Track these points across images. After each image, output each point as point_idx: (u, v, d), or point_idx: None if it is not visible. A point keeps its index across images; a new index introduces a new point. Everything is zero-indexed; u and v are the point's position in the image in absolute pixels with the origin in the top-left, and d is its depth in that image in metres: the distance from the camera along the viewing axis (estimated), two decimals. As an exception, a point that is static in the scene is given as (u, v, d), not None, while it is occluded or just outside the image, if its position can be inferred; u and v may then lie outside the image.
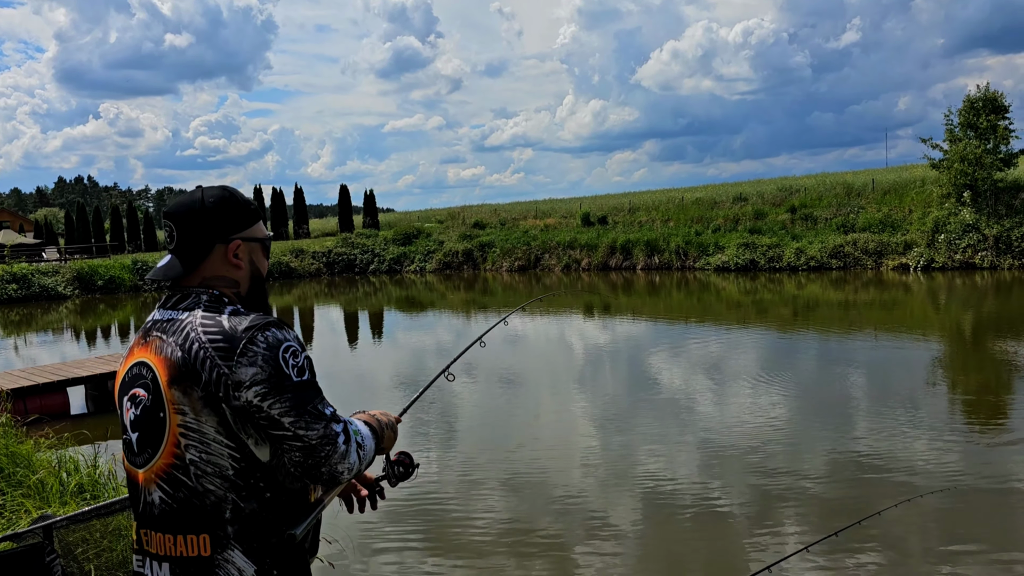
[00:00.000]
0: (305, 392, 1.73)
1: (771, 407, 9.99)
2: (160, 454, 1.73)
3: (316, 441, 1.72)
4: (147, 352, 1.78)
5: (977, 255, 27.19)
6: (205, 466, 1.70)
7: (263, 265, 1.95)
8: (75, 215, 56.74)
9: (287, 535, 1.77)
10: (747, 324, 18.48)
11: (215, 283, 1.85)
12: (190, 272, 1.85)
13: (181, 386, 1.69)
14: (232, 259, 1.86)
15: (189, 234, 1.84)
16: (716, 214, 36.64)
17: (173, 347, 1.72)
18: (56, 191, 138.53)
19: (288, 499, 1.78)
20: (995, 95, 28.26)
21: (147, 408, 1.75)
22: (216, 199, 1.86)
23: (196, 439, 1.70)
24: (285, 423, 1.69)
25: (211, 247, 1.85)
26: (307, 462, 1.73)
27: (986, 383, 11.25)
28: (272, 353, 1.69)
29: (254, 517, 1.72)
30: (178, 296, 1.83)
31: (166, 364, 1.72)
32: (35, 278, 34.38)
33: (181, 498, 1.72)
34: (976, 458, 7.75)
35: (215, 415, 1.69)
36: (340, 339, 20.26)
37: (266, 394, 1.68)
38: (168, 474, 1.72)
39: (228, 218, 1.86)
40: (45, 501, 4.95)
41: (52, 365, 13.24)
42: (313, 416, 1.72)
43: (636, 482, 7.46)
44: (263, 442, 1.73)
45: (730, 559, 5.81)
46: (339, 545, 5.87)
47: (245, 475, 1.72)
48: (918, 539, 5.93)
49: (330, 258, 42.97)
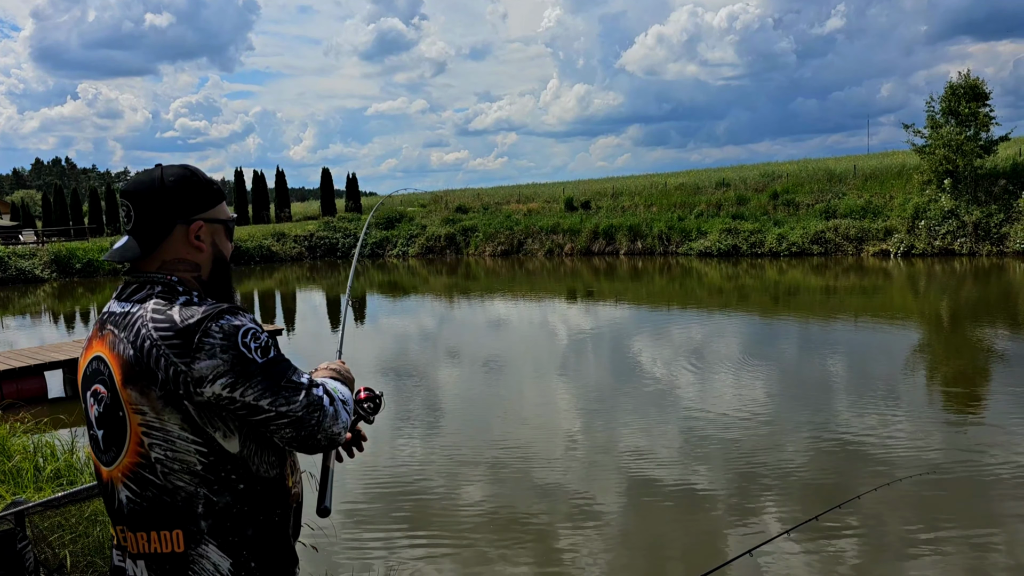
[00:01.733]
0: (274, 369, 1.67)
1: (752, 392, 10.04)
2: (125, 453, 1.68)
3: (303, 412, 1.67)
4: (103, 346, 1.71)
5: (956, 241, 27.44)
6: (172, 463, 1.65)
7: (226, 248, 1.88)
8: (52, 197, 56.00)
9: (322, 508, 1.76)
10: (729, 309, 18.56)
11: (175, 266, 1.77)
12: (148, 254, 1.76)
13: (137, 386, 1.63)
14: (194, 241, 1.78)
15: (148, 214, 1.75)
16: (699, 200, 36.71)
17: (125, 344, 1.65)
18: (33, 173, 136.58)
19: (263, 488, 1.73)
20: (976, 82, 28.43)
21: (108, 406, 1.69)
22: (177, 178, 1.77)
23: (160, 437, 1.64)
24: (264, 405, 1.64)
25: (171, 228, 1.76)
26: (300, 434, 1.68)
27: (964, 369, 11.37)
28: (230, 342, 1.62)
29: (228, 510, 1.68)
30: (134, 286, 1.75)
31: (120, 363, 1.65)
32: (12, 261, 33.95)
33: (150, 496, 1.67)
34: (954, 443, 7.82)
35: (178, 412, 1.63)
36: (323, 323, 20.15)
37: (234, 383, 1.62)
38: (135, 473, 1.67)
39: (189, 198, 1.78)
40: (20, 487, 4.87)
41: (29, 349, 13.08)
42: (290, 389, 1.67)
43: (619, 466, 7.47)
44: (231, 433, 1.67)
45: (712, 543, 5.83)
46: (323, 530, 5.83)
47: (215, 469, 1.66)
48: (897, 523, 5.98)
49: (312, 242, 42.71)
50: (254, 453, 1.71)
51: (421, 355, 13.99)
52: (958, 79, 28.78)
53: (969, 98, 28.25)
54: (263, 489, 1.73)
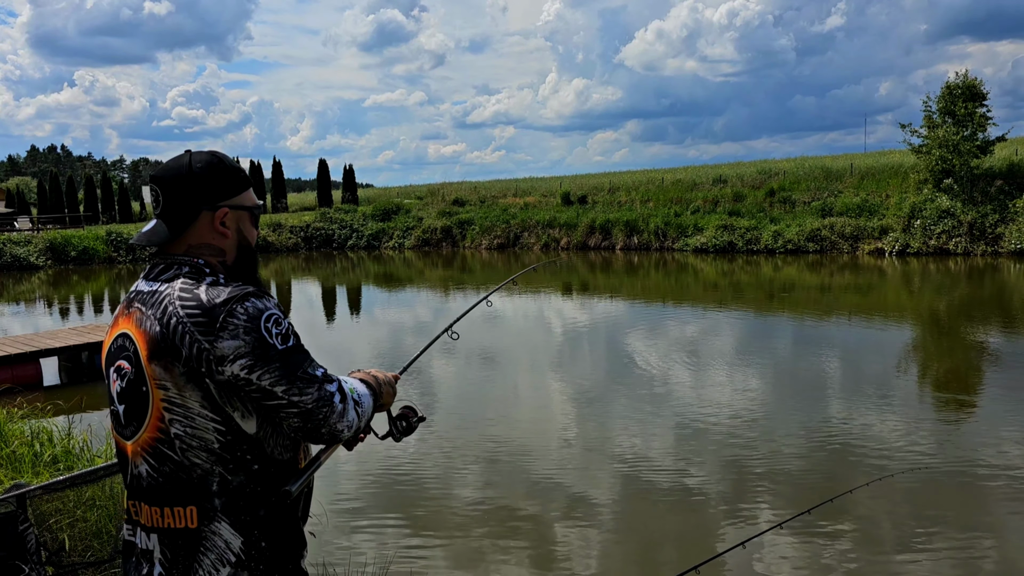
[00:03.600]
0: (292, 358, 1.70)
1: (746, 388, 10.10)
2: (145, 428, 1.71)
3: (312, 405, 1.70)
4: (130, 324, 1.74)
5: (951, 241, 27.51)
6: (190, 440, 1.68)
7: (251, 234, 1.90)
8: (48, 184, 55.79)
9: (282, 491, 1.76)
10: (724, 306, 18.61)
11: (200, 251, 1.80)
12: (175, 238, 1.80)
13: (161, 362, 1.66)
14: (219, 227, 1.81)
15: (175, 199, 1.78)
16: (695, 196, 36.72)
17: (152, 321, 1.69)
18: (29, 160, 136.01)
19: (276, 470, 1.76)
20: (973, 82, 28.46)
21: (131, 381, 1.72)
22: (204, 164, 1.81)
23: (180, 413, 1.67)
24: (278, 392, 1.67)
25: (197, 213, 1.79)
26: (306, 426, 1.72)
27: (956, 367, 11.44)
28: (253, 324, 1.65)
29: (241, 489, 1.71)
30: (161, 266, 1.78)
31: (146, 339, 1.69)
32: (7, 248, 33.84)
33: (167, 471, 1.70)
34: (945, 439, 7.89)
35: (199, 390, 1.66)
36: (318, 315, 20.16)
37: (253, 366, 1.65)
38: (154, 448, 1.71)
39: (216, 184, 1.81)
40: (18, 472, 4.89)
41: (25, 335, 13.07)
42: (305, 380, 1.70)
43: (613, 460, 7.52)
44: (249, 414, 1.71)
45: (705, 536, 5.88)
46: (318, 518, 5.87)
47: (231, 448, 1.69)
48: (888, 517, 6.04)
49: (308, 233, 42.63)
50: (270, 435, 1.74)
51: (415, 347, 14.01)
52: (955, 79, 28.84)
53: (966, 98, 28.28)
54: (276, 471, 1.76)
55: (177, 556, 1.70)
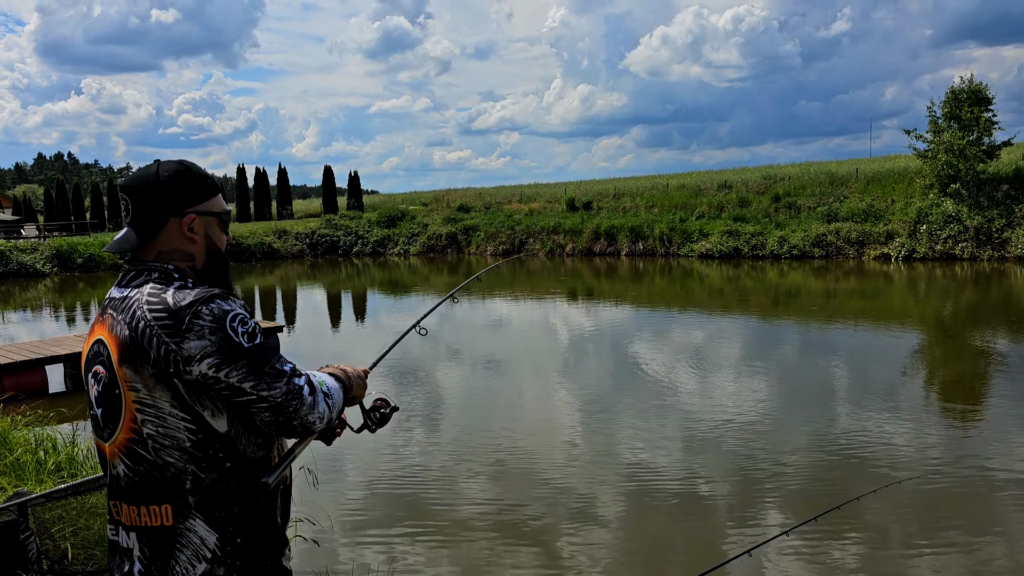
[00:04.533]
0: (260, 355, 1.75)
1: (752, 394, 10.05)
2: (120, 429, 1.77)
3: (282, 398, 1.75)
4: (103, 330, 1.80)
5: (957, 246, 27.42)
6: (162, 439, 1.73)
7: (220, 239, 1.96)
8: (55, 192, 56.03)
9: (259, 483, 1.80)
10: (730, 311, 18.56)
11: (170, 256, 1.86)
12: (145, 244, 1.86)
13: (132, 364, 1.72)
14: (187, 232, 1.87)
15: (144, 207, 1.85)
16: (700, 201, 36.69)
17: (122, 325, 1.74)
18: (35, 167, 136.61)
19: (249, 468, 1.80)
20: (979, 87, 28.40)
21: (106, 385, 1.78)
22: (171, 173, 1.87)
23: (152, 414, 1.73)
24: (247, 388, 1.72)
25: (165, 220, 1.85)
26: (278, 419, 1.77)
27: (963, 373, 11.37)
28: (219, 324, 1.71)
29: (215, 487, 1.76)
30: (132, 273, 1.84)
31: (116, 342, 1.75)
32: (13, 255, 33.93)
33: (142, 471, 1.75)
34: (953, 446, 7.84)
35: (168, 390, 1.71)
36: (323, 320, 20.16)
37: (220, 364, 1.70)
38: (128, 448, 1.76)
39: (183, 191, 1.87)
40: (22, 480, 4.88)
41: (30, 343, 13.09)
42: (273, 375, 1.76)
43: (619, 467, 7.48)
44: (220, 413, 1.76)
45: (711, 543, 5.84)
46: (323, 524, 5.85)
47: (203, 446, 1.74)
48: (896, 524, 5.99)
49: (313, 239, 42.68)
50: (242, 433, 1.79)
51: (421, 353, 13.99)
52: (961, 84, 28.78)
53: (971, 103, 28.22)
54: (249, 468, 1.80)
55: (155, 553, 1.76)
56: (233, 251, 39.45)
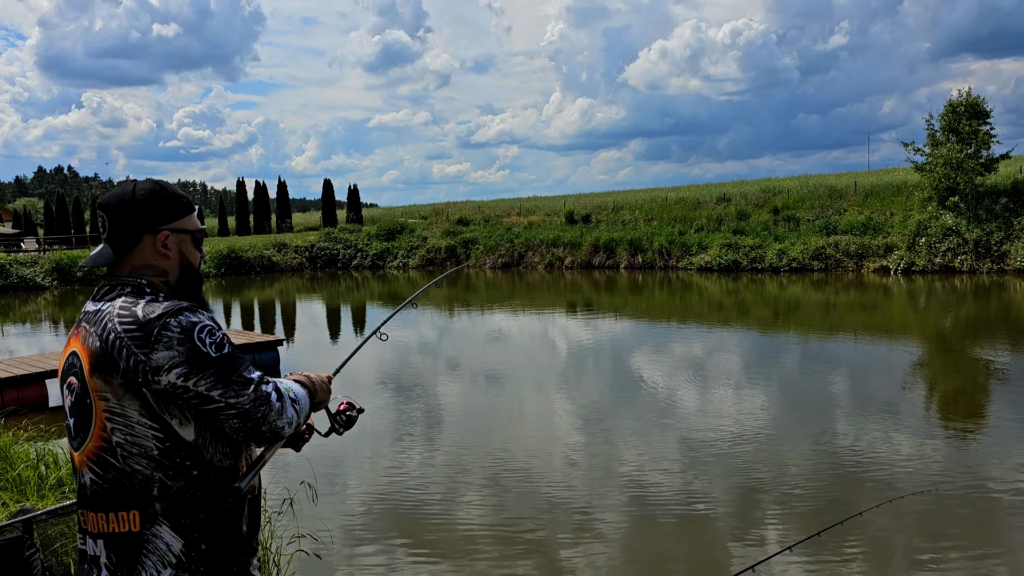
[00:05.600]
0: (227, 364, 1.80)
1: (752, 408, 10.04)
2: (90, 437, 1.81)
3: (250, 405, 1.81)
4: (77, 342, 1.85)
5: (957, 259, 27.47)
6: (131, 447, 1.78)
7: (194, 256, 2.02)
8: (55, 205, 56.12)
9: (232, 488, 1.86)
10: (729, 324, 18.56)
11: (144, 271, 1.92)
12: (120, 259, 1.92)
13: (102, 375, 1.77)
14: (161, 249, 1.93)
15: (120, 224, 1.91)
16: (699, 214, 36.77)
17: (94, 337, 1.80)
18: (35, 181, 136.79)
19: (216, 476, 1.84)
20: (976, 100, 28.53)
21: (78, 395, 1.83)
22: (146, 192, 1.94)
23: (121, 423, 1.77)
24: (215, 396, 1.77)
25: (140, 237, 1.92)
26: (247, 425, 1.82)
27: (964, 386, 11.37)
28: (187, 336, 1.76)
29: (181, 494, 1.80)
30: (107, 287, 1.90)
31: (88, 354, 1.80)
32: (13, 268, 33.96)
33: (111, 478, 1.79)
34: (955, 460, 7.83)
35: (136, 399, 1.76)
36: (322, 333, 20.15)
37: (188, 374, 1.75)
38: (98, 456, 1.80)
39: (157, 210, 1.93)
40: (23, 495, 4.88)
41: (30, 356, 13.08)
42: (240, 383, 1.80)
43: (620, 482, 7.47)
44: (187, 422, 1.80)
45: (714, 558, 5.82)
46: (324, 539, 5.83)
47: (170, 454, 1.79)
48: (900, 539, 5.98)
49: (312, 252, 42.75)
50: (208, 442, 1.84)
51: (421, 367, 13.98)
52: (958, 97, 28.90)
53: (969, 116, 28.34)
54: (216, 477, 1.85)
55: (121, 559, 1.79)
56: (232, 264, 39.50)
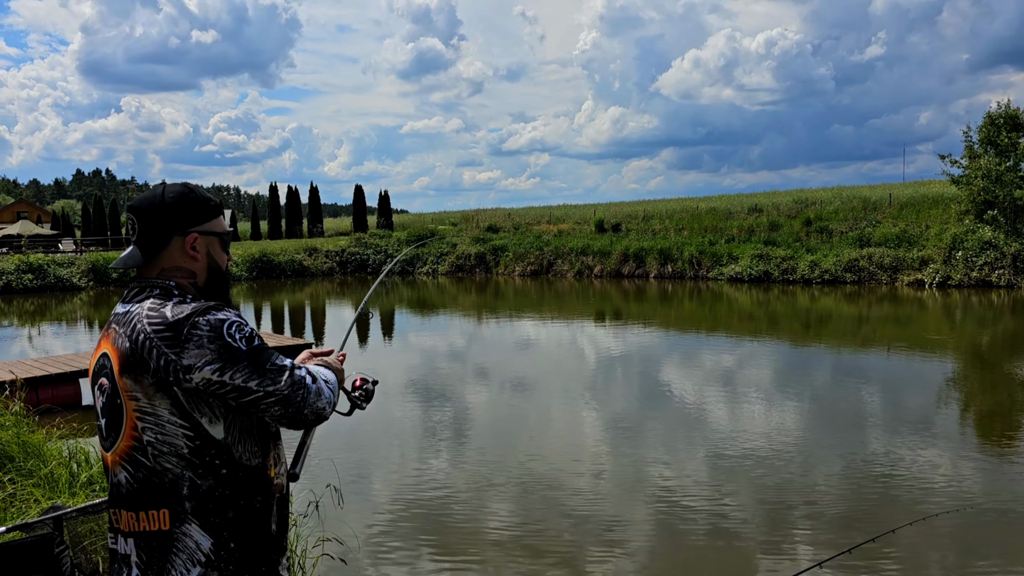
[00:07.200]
0: (260, 355, 1.82)
1: (783, 421, 9.91)
2: (121, 437, 1.83)
3: (288, 390, 1.82)
4: (108, 343, 1.89)
5: (994, 273, 26.94)
6: (161, 446, 1.79)
7: (221, 258, 2.04)
8: (92, 208, 57.17)
9: (290, 473, 1.91)
10: (760, 336, 18.36)
11: (172, 273, 1.95)
12: (149, 262, 1.95)
13: (132, 374, 1.80)
14: (189, 251, 1.96)
15: (149, 226, 1.94)
16: (731, 224, 36.50)
17: (124, 338, 1.83)
18: (74, 183, 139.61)
19: (245, 475, 1.86)
20: (1016, 112, 28.02)
21: (109, 395, 1.85)
22: (176, 195, 1.97)
23: (152, 422, 1.79)
24: (252, 387, 1.79)
25: (169, 239, 1.95)
26: (288, 411, 1.83)
27: (1000, 403, 11.13)
28: (216, 333, 1.78)
29: (211, 493, 1.81)
30: (136, 289, 1.93)
31: (118, 354, 1.83)
32: (51, 269, 34.62)
33: (141, 477, 1.81)
34: (990, 479, 7.65)
35: (167, 398, 1.78)
36: (351, 337, 20.23)
37: (222, 368, 1.77)
38: (129, 455, 1.82)
39: (186, 213, 1.96)
40: (55, 492, 4.94)
41: (65, 356, 13.30)
42: (275, 371, 1.83)
43: (648, 494, 7.40)
44: (216, 420, 1.82)
45: (743, 573, 5.74)
46: (350, 544, 5.84)
47: (200, 453, 1.81)
48: (932, 558, 5.85)
49: (343, 257, 43.08)
50: (238, 441, 1.85)
51: (449, 374, 14.00)
52: (998, 109, 28.41)
53: (1009, 128, 27.84)
54: (244, 476, 1.86)
55: (152, 558, 1.81)
56: (264, 268, 39.94)
